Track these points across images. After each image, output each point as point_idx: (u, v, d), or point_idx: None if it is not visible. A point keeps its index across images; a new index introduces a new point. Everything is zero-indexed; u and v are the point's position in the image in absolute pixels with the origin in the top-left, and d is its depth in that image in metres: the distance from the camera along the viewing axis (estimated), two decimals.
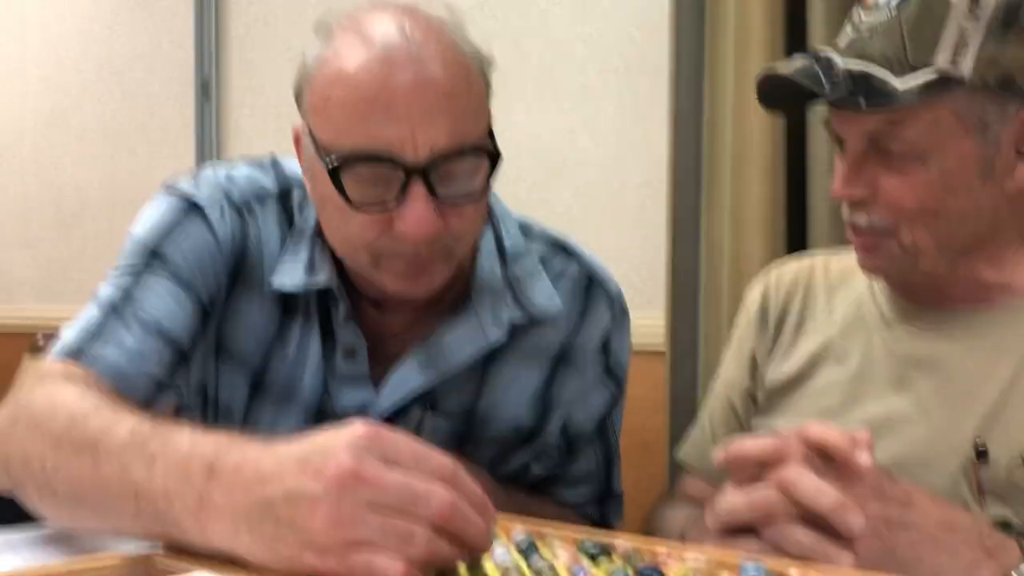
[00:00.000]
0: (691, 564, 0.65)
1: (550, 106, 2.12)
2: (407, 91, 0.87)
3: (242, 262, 1.02)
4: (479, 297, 1.04)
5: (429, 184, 0.88)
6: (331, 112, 0.90)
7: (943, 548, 0.73)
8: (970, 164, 0.88)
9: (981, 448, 0.88)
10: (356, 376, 1.04)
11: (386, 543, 0.60)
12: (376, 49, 0.88)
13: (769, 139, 1.58)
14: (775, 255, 1.58)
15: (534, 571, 0.64)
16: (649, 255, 1.97)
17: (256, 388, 1.05)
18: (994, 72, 0.86)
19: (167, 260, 0.98)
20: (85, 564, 0.66)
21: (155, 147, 3.01)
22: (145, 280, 0.98)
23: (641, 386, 1.99)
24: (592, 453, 1.17)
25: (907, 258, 0.92)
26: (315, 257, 1.01)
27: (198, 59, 2.86)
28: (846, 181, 0.92)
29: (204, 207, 1.01)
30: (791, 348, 1.07)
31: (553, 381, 1.10)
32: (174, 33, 2.97)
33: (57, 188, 3.37)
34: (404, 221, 0.88)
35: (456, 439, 1.08)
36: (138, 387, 0.93)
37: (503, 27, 2.18)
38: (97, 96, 3.22)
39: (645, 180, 1.99)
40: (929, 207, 0.89)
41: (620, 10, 2.03)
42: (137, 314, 0.95)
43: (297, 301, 1.03)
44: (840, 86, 0.87)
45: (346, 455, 0.61)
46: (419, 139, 0.87)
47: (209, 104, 2.84)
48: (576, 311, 1.11)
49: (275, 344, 1.04)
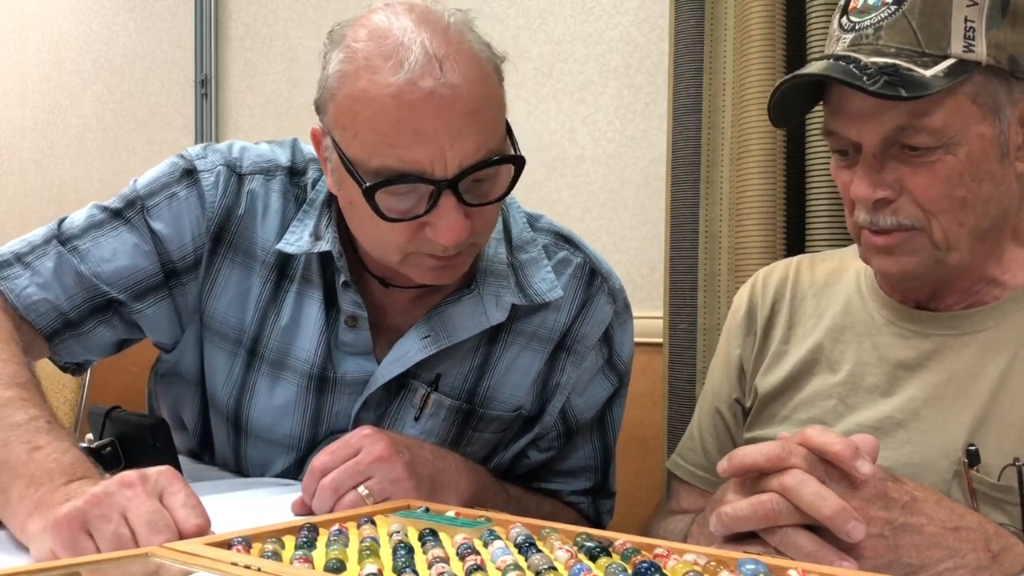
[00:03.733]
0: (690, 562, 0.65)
1: (550, 104, 2.12)
2: (435, 113, 0.89)
3: (228, 227, 1.07)
4: (483, 279, 1.08)
5: (458, 194, 0.93)
6: (359, 131, 0.92)
7: (947, 552, 0.73)
8: (990, 147, 0.88)
9: (972, 452, 0.88)
10: (359, 345, 1.07)
11: (106, 544, 0.72)
12: (401, 70, 0.89)
13: (768, 135, 1.58)
14: (774, 250, 1.58)
15: (533, 569, 0.64)
16: (648, 251, 1.97)
17: (251, 355, 1.09)
18: (1004, 55, 0.87)
19: (146, 214, 1.05)
20: (84, 562, 0.66)
21: (154, 146, 3.01)
22: (112, 224, 1.05)
23: (640, 381, 1.98)
24: (590, 445, 1.18)
25: (937, 253, 0.91)
26: (321, 226, 1.05)
27: (197, 58, 2.86)
28: (871, 182, 0.90)
29: (200, 171, 1.06)
30: (781, 356, 1.07)
31: (553, 367, 1.13)
32: (174, 33, 2.97)
33: (57, 187, 3.37)
34: (436, 230, 0.93)
35: (460, 418, 1.10)
36: (39, 315, 1.03)
37: (503, 27, 2.18)
38: (97, 95, 3.22)
39: (644, 177, 1.99)
40: (959, 196, 0.88)
41: (620, 9, 2.03)
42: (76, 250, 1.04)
43: (293, 269, 1.07)
44: (876, 79, 0.85)
45: (143, 471, 0.77)
46: (448, 157, 0.91)
47: (208, 103, 2.84)
48: (578, 300, 1.13)
49: (268, 310, 1.08)
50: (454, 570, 0.64)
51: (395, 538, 0.73)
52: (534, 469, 1.18)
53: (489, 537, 0.73)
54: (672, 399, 1.75)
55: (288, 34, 2.64)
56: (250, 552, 0.70)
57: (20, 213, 3.50)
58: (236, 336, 1.09)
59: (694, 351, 1.73)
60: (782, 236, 1.61)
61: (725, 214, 1.67)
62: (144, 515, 0.73)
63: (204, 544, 0.69)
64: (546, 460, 1.17)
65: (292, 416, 1.09)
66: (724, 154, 1.68)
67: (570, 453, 1.18)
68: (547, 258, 1.13)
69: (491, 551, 0.68)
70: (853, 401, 0.98)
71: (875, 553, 0.71)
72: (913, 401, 0.94)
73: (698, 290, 1.74)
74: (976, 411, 0.91)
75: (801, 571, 0.62)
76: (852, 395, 0.99)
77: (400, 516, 0.82)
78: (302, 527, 0.76)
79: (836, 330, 1.03)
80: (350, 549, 0.71)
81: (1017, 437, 0.88)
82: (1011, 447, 0.88)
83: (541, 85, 2.13)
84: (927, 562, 0.73)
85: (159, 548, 0.69)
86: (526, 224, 1.14)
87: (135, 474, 0.77)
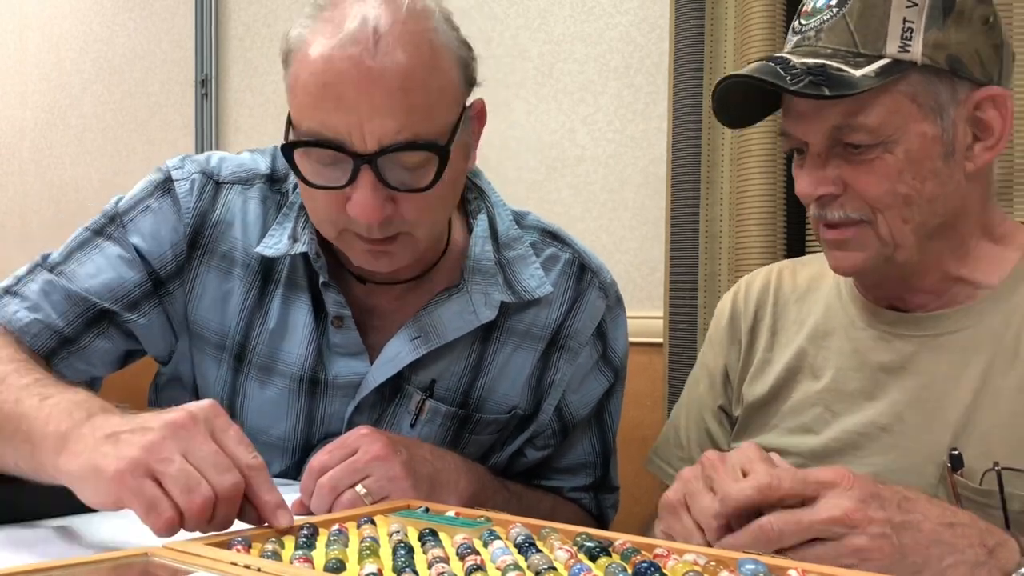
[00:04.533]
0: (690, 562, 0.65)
1: (550, 104, 2.12)
2: (357, 84, 0.90)
3: (202, 231, 1.08)
4: (471, 277, 1.08)
5: (378, 172, 0.92)
6: (297, 93, 0.95)
7: (947, 548, 0.73)
8: (932, 146, 0.89)
9: (956, 456, 0.88)
10: (349, 346, 1.07)
11: (174, 484, 0.71)
12: (341, 37, 0.91)
13: (768, 135, 1.59)
14: (774, 250, 1.58)
15: (533, 569, 0.64)
16: (648, 251, 1.97)
17: (239, 361, 1.10)
18: (943, 55, 0.88)
19: (125, 228, 1.07)
20: (83, 562, 0.66)
21: (154, 146, 3.01)
22: (89, 246, 1.07)
23: (640, 381, 1.99)
24: (588, 441, 1.18)
25: (884, 249, 0.92)
26: (298, 228, 1.07)
27: (197, 58, 2.86)
28: (814, 180, 0.93)
29: (175, 180, 1.08)
30: (765, 364, 1.07)
31: (547, 365, 1.13)
32: (174, 32, 2.97)
33: (56, 187, 3.37)
34: (352, 206, 0.94)
35: (456, 424, 1.10)
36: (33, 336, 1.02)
37: (503, 26, 2.18)
38: (97, 95, 3.22)
39: (644, 177, 1.99)
40: (902, 193, 0.90)
41: (620, 9, 2.03)
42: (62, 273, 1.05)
43: (277, 273, 1.08)
44: (800, 79, 0.87)
45: (188, 409, 0.75)
46: (367, 131, 0.91)
47: (208, 103, 2.84)
48: (569, 296, 1.13)
49: (254, 315, 1.08)
50: (454, 570, 0.64)
51: (395, 538, 0.73)
52: (533, 467, 1.18)
53: (489, 537, 0.73)
54: (672, 399, 1.75)
55: None
56: (250, 552, 0.70)
57: (20, 213, 3.50)
58: (219, 341, 1.09)
59: (694, 351, 1.74)
60: (782, 236, 1.61)
61: (725, 214, 1.68)
62: (208, 457, 0.73)
63: (204, 544, 0.69)
64: (544, 458, 1.17)
65: (285, 419, 1.10)
66: (724, 154, 1.68)
67: (568, 450, 1.18)
68: (535, 255, 1.13)
69: (491, 551, 0.68)
70: (838, 408, 0.99)
71: (882, 554, 0.71)
72: (896, 405, 0.94)
73: (698, 290, 1.74)
74: (959, 414, 0.91)
75: (801, 571, 0.62)
76: (837, 401, 0.99)
77: (400, 516, 0.82)
78: (302, 527, 0.76)
79: (818, 335, 1.03)
80: (350, 549, 0.71)
81: (1000, 438, 0.88)
82: (995, 448, 0.88)
83: (541, 85, 2.13)
84: (930, 560, 0.72)
85: (159, 548, 0.69)
86: (512, 222, 1.14)
87: (183, 414, 0.75)
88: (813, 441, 0.99)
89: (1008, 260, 0.95)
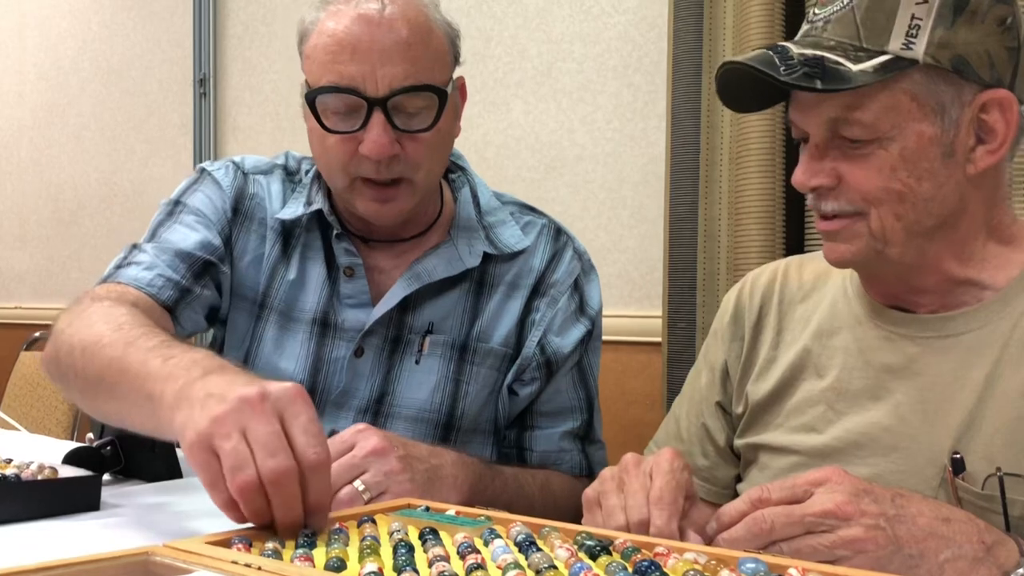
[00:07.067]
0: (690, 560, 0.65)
1: (549, 103, 2.12)
2: (371, 33, 1.09)
3: (242, 200, 1.26)
4: (457, 233, 1.25)
5: (387, 114, 1.10)
6: (316, 57, 1.13)
7: (945, 541, 0.73)
8: (931, 146, 0.88)
9: (957, 460, 0.88)
10: (357, 295, 1.22)
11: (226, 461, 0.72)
12: (354, 10, 1.11)
13: (767, 134, 1.59)
14: (773, 250, 1.58)
15: (533, 567, 0.64)
16: (647, 250, 1.98)
17: (261, 308, 1.24)
18: (947, 55, 0.86)
19: (186, 204, 1.25)
20: (83, 562, 0.66)
21: (153, 145, 3.01)
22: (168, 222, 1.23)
23: (639, 380, 1.99)
24: (572, 388, 1.27)
25: (876, 244, 0.92)
26: (311, 193, 1.24)
27: (196, 58, 2.86)
28: (809, 171, 0.93)
29: (212, 170, 1.28)
30: (771, 362, 1.07)
31: (530, 308, 1.26)
32: (172, 32, 2.97)
33: (55, 186, 3.37)
34: (366, 144, 1.10)
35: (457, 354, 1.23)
36: (159, 288, 1.14)
37: (502, 26, 2.18)
38: (95, 95, 3.22)
39: (643, 176, 1.99)
40: (896, 190, 0.89)
41: (619, 9, 2.03)
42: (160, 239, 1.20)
43: (297, 234, 1.25)
44: (795, 70, 0.87)
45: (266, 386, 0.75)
46: (379, 76, 1.09)
47: (207, 102, 2.84)
48: (547, 253, 1.28)
49: (277, 268, 1.24)
50: (455, 569, 0.64)
51: (395, 537, 0.73)
52: (523, 414, 1.26)
53: (489, 536, 0.73)
54: (671, 398, 1.74)
55: (287, 33, 2.64)
56: (251, 551, 0.70)
57: (18, 212, 3.50)
58: (253, 296, 1.24)
59: (693, 350, 1.74)
60: (781, 235, 1.61)
61: (724, 213, 1.68)
62: (261, 436, 0.72)
63: (204, 543, 0.69)
64: (533, 398, 1.24)
65: (295, 361, 1.21)
66: (723, 153, 1.68)
67: (554, 394, 1.26)
68: (515, 222, 1.29)
69: (491, 550, 0.69)
70: (841, 407, 0.98)
71: (877, 545, 0.71)
72: (900, 407, 0.94)
73: (697, 289, 1.74)
74: (962, 417, 0.90)
75: (801, 570, 0.62)
76: (840, 400, 0.98)
77: (400, 515, 0.82)
78: None
79: (823, 333, 1.03)
80: (351, 548, 0.71)
81: (1003, 443, 0.88)
82: (997, 453, 0.87)
83: (540, 84, 2.13)
84: (927, 552, 0.72)
85: (160, 547, 0.69)
86: (492, 197, 1.30)
87: (257, 389, 0.75)
88: (816, 440, 0.99)
89: (1017, 262, 0.94)
